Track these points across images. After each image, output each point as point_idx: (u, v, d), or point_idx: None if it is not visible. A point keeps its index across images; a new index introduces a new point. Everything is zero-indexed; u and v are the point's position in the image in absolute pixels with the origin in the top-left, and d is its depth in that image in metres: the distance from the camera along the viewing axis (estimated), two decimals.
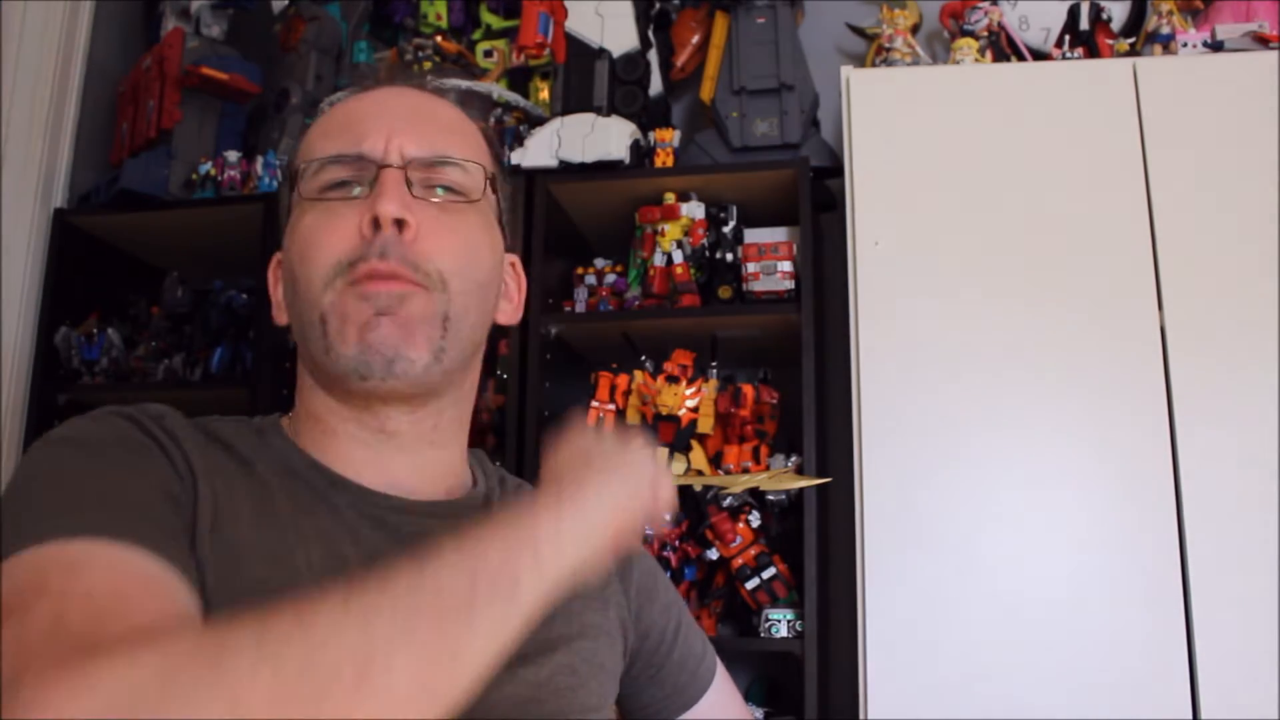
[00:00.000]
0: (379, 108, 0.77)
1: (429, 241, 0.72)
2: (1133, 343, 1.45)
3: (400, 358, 0.70)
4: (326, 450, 0.76)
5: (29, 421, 1.89)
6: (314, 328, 0.72)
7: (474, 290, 0.75)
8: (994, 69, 1.71)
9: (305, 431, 0.78)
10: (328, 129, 0.78)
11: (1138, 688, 1.34)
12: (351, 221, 0.72)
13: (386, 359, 0.70)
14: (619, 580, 0.86)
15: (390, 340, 0.70)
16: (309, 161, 0.75)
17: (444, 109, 0.80)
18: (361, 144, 0.74)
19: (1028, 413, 1.45)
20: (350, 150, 0.74)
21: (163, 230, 1.99)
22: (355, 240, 0.71)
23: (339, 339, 0.71)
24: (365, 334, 0.70)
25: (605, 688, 0.80)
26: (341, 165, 0.74)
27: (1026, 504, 1.43)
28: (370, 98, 0.79)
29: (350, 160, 0.74)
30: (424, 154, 0.74)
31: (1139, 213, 1.49)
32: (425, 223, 0.72)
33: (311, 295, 0.72)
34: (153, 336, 1.98)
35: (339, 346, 0.71)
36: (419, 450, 0.77)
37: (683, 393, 1.65)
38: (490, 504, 0.81)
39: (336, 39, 2.11)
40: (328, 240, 0.72)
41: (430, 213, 0.73)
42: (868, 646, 1.41)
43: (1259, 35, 1.62)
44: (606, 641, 0.82)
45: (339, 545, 0.69)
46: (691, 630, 0.93)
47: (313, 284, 0.72)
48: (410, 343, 0.71)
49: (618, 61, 1.89)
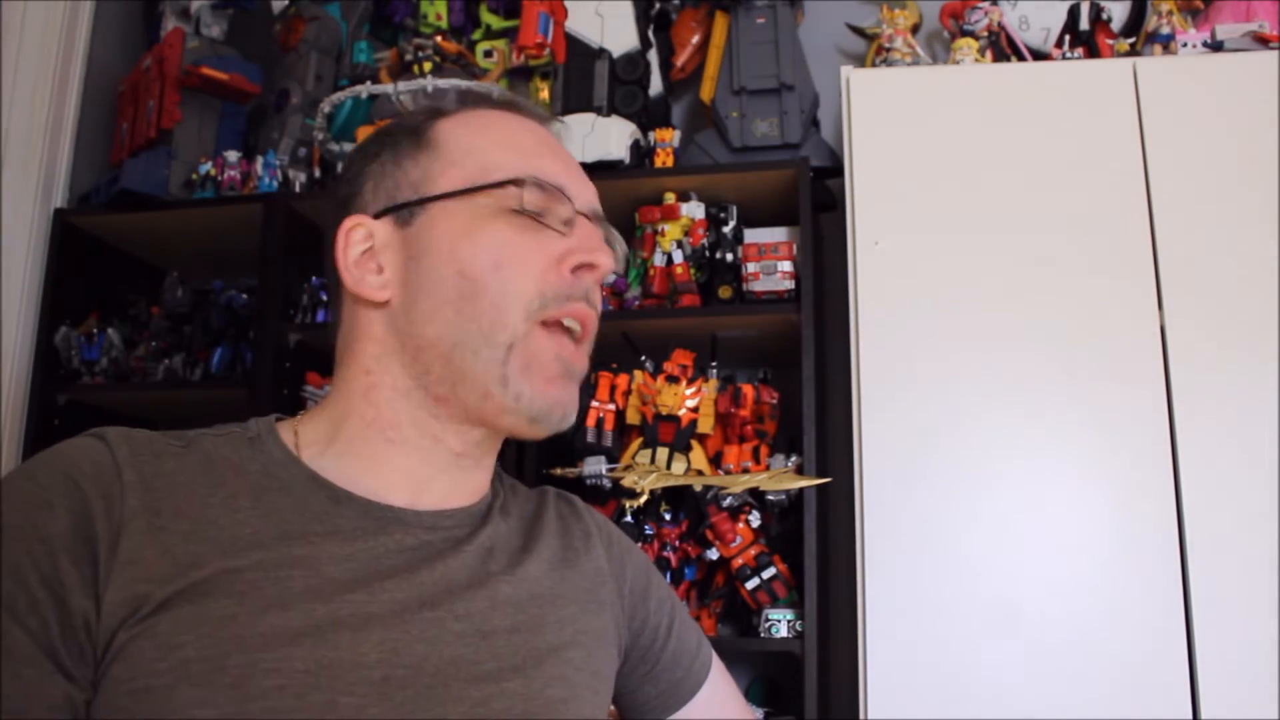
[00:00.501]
0: (561, 148, 0.82)
1: (597, 296, 0.78)
2: (1133, 343, 1.45)
3: (568, 417, 0.76)
4: (360, 455, 0.75)
5: (29, 421, 1.89)
6: (492, 350, 0.72)
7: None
8: (994, 69, 1.71)
9: (343, 439, 0.76)
10: (532, 143, 0.79)
11: (1138, 688, 1.34)
12: (553, 252, 0.74)
13: (562, 415, 0.75)
14: (613, 580, 0.86)
15: (568, 403, 0.76)
16: (538, 179, 0.75)
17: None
18: (562, 177, 0.77)
19: (1027, 411, 1.45)
20: (557, 180, 0.77)
21: (163, 230, 1.99)
22: (557, 275, 0.74)
23: (524, 379, 0.73)
24: (551, 389, 0.74)
25: (600, 695, 0.80)
26: (547, 194, 0.75)
27: (1027, 504, 1.43)
28: (548, 133, 0.82)
29: (555, 191, 0.76)
30: (599, 211, 0.80)
31: (1139, 213, 1.49)
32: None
33: (502, 317, 0.72)
34: (153, 336, 1.98)
35: (522, 385, 0.73)
36: (469, 470, 0.79)
37: (683, 393, 1.65)
38: (493, 507, 0.82)
39: (336, 39, 2.11)
40: (531, 263, 0.74)
41: None
42: (868, 646, 1.41)
43: (1259, 35, 1.63)
44: (600, 645, 0.82)
45: (323, 565, 0.68)
46: (686, 626, 0.93)
47: (508, 305, 0.73)
48: (574, 404, 0.77)
49: (618, 61, 1.89)
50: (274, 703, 0.62)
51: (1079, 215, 1.51)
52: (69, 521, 0.64)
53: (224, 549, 0.66)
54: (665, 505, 1.69)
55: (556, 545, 0.84)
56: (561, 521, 0.87)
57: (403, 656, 0.67)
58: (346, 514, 0.72)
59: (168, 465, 0.69)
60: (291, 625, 0.65)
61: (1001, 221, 1.53)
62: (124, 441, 0.69)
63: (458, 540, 0.76)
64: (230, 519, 0.68)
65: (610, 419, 1.68)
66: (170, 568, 0.64)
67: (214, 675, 0.62)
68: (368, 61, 2.07)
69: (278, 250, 1.85)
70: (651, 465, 1.63)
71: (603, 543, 0.88)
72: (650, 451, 1.65)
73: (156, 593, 0.63)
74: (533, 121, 0.82)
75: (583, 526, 0.88)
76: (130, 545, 0.64)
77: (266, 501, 0.70)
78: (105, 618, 0.62)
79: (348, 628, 0.66)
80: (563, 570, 0.82)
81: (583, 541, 0.86)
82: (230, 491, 0.70)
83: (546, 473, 1.67)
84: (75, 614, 0.62)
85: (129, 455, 0.68)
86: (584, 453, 1.68)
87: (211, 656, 0.62)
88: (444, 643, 0.69)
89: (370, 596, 0.68)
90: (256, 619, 0.64)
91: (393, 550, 0.72)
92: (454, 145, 0.78)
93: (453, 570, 0.73)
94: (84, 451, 0.67)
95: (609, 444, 1.67)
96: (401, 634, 0.68)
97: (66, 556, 0.63)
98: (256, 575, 0.66)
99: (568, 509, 0.89)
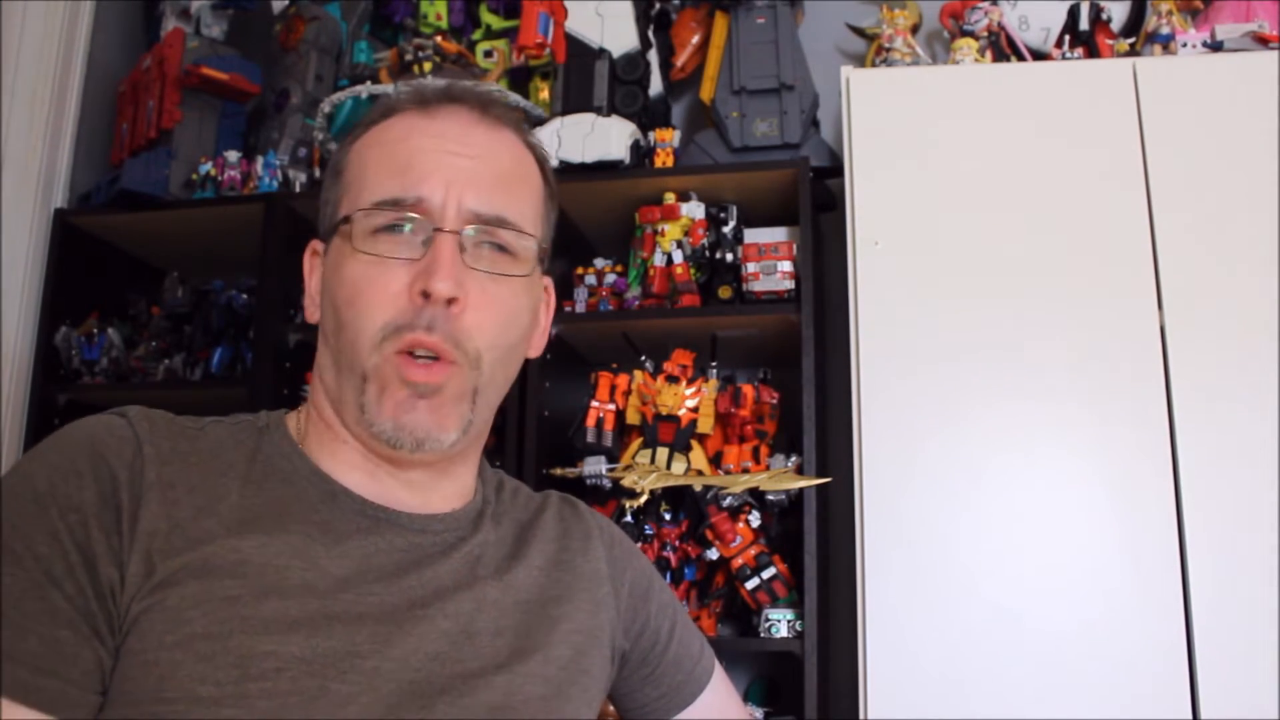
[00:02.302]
0: (441, 145, 0.77)
1: (472, 317, 0.74)
2: (1133, 343, 1.45)
3: (431, 439, 0.73)
4: (335, 454, 0.77)
5: (29, 421, 1.89)
6: (354, 379, 0.74)
7: (505, 357, 0.78)
8: (994, 69, 1.71)
9: (314, 435, 0.78)
10: (386, 161, 0.77)
11: (1137, 688, 1.34)
12: (401, 281, 0.73)
13: (417, 439, 0.73)
14: (611, 582, 0.87)
15: (423, 424, 0.73)
16: (364, 207, 0.75)
17: (507, 151, 0.80)
18: (420, 188, 0.74)
19: (1028, 412, 1.45)
20: (408, 195, 0.74)
21: (163, 230, 1.99)
22: (404, 304, 0.73)
23: (376, 406, 0.73)
24: (401, 414, 0.73)
25: (587, 694, 0.80)
26: (397, 209, 0.74)
27: (1026, 503, 1.43)
28: (433, 128, 0.78)
29: (408, 204, 0.74)
30: (483, 210, 0.75)
31: (1139, 212, 1.49)
32: (473, 294, 0.74)
33: (358, 351, 0.74)
34: (153, 336, 1.98)
35: (374, 413, 0.73)
36: (427, 484, 0.79)
37: (683, 393, 1.65)
38: (484, 513, 0.82)
39: (336, 39, 2.11)
40: (378, 298, 0.73)
41: (479, 282, 0.75)
42: (868, 646, 1.41)
43: (1259, 35, 1.62)
44: (592, 646, 0.82)
45: (319, 559, 0.70)
46: (688, 631, 0.93)
47: (360, 338, 0.73)
48: (442, 426, 0.73)
49: (618, 61, 1.89)
50: (271, 684, 0.64)
51: (1079, 215, 1.51)
52: (96, 491, 0.67)
53: (229, 527, 0.69)
54: (665, 505, 1.69)
55: (552, 549, 0.85)
56: (561, 524, 0.88)
57: (393, 649, 0.69)
58: (341, 510, 0.74)
59: (182, 445, 0.72)
60: (290, 613, 0.67)
61: (1001, 221, 1.53)
62: (144, 418, 0.72)
63: (447, 545, 0.77)
64: (238, 499, 0.71)
65: (610, 419, 1.68)
66: (181, 541, 0.67)
67: (218, 653, 0.64)
68: (368, 61, 2.07)
69: (278, 250, 1.84)
70: (651, 465, 1.63)
71: (604, 545, 0.89)
72: (650, 451, 1.65)
73: (167, 565, 0.66)
74: (424, 120, 0.78)
75: (583, 529, 0.88)
76: (149, 515, 0.67)
77: (269, 489, 0.73)
78: (127, 586, 0.65)
79: (341, 621, 0.68)
80: (557, 572, 0.83)
81: (581, 543, 0.87)
82: (238, 475, 0.73)
83: (546, 473, 1.67)
84: (103, 581, 0.65)
85: (149, 431, 0.71)
86: (584, 453, 1.68)
87: (217, 634, 0.64)
88: (431, 639, 0.71)
89: (360, 595, 0.70)
90: (258, 602, 0.66)
91: (384, 550, 0.74)
92: (349, 172, 0.79)
93: (441, 575, 0.75)
94: (107, 426, 0.71)
95: (609, 444, 1.67)
96: (393, 629, 0.70)
97: (96, 524, 0.66)
98: (259, 560, 0.68)
99: (570, 511, 0.90)
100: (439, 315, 0.72)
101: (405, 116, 0.79)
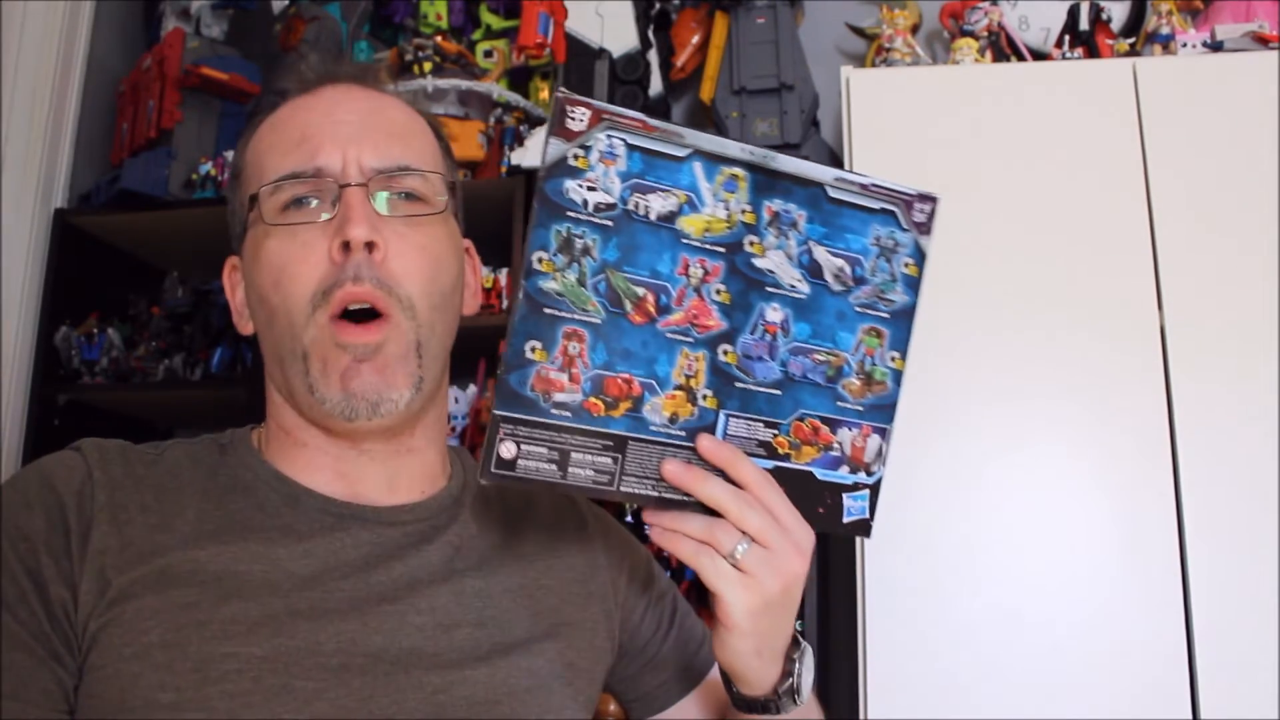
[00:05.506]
0: (329, 116, 0.76)
1: (398, 262, 0.73)
2: (1133, 343, 1.45)
3: (384, 400, 0.72)
4: (295, 460, 0.77)
5: (29, 421, 1.89)
6: (295, 362, 0.73)
7: (441, 304, 0.76)
8: (994, 69, 1.71)
9: (275, 442, 0.78)
10: (279, 142, 0.77)
11: (1137, 688, 1.33)
12: (320, 247, 0.72)
13: (371, 403, 0.72)
14: (607, 571, 0.86)
15: (372, 386, 0.72)
16: (266, 184, 0.75)
17: (393, 109, 0.80)
18: (317, 158, 0.74)
19: (1027, 412, 1.45)
20: (306, 166, 0.74)
21: (163, 230, 1.99)
22: (326, 266, 0.72)
23: (322, 381, 0.72)
24: (348, 382, 0.71)
25: (574, 687, 0.79)
26: (299, 182, 0.74)
27: (1026, 504, 1.43)
28: (319, 104, 0.78)
29: (308, 177, 0.74)
30: (383, 164, 0.75)
31: (1139, 213, 1.49)
32: (393, 241, 0.73)
33: (292, 329, 0.73)
34: (153, 336, 1.98)
35: (323, 389, 0.72)
36: (391, 460, 0.78)
37: None
38: (461, 502, 0.81)
39: (336, 39, 2.11)
40: (299, 270, 0.72)
41: (397, 229, 0.74)
42: (867, 646, 1.41)
43: (1259, 35, 1.62)
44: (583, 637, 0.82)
45: (280, 561, 0.70)
46: (690, 616, 0.94)
47: (292, 317, 0.72)
48: (391, 384, 0.72)
49: (618, 61, 1.89)
50: (231, 685, 0.64)
51: (1079, 215, 1.51)
52: (45, 518, 0.67)
53: (185, 541, 0.69)
54: None
55: (544, 537, 0.84)
56: (556, 513, 0.87)
57: (360, 646, 0.69)
58: (304, 511, 0.74)
59: (137, 470, 0.72)
60: (250, 615, 0.67)
61: (1001, 221, 1.53)
62: (96, 449, 0.73)
63: (420, 536, 0.76)
64: (195, 515, 0.71)
65: None
66: (134, 556, 0.67)
67: (175, 660, 0.64)
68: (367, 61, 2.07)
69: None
70: None
71: (600, 534, 0.88)
72: None
73: (121, 580, 0.66)
74: (309, 99, 0.78)
75: (579, 518, 0.88)
76: (99, 535, 0.67)
77: (229, 502, 0.73)
78: (81, 605, 0.65)
79: (305, 618, 0.68)
80: (549, 561, 0.83)
81: (576, 533, 0.86)
82: (197, 491, 0.73)
83: None
84: (55, 603, 0.65)
85: (99, 459, 0.71)
86: None
87: (174, 642, 0.65)
88: (403, 634, 0.71)
89: (327, 591, 0.70)
90: (216, 607, 0.66)
91: (349, 546, 0.73)
92: (247, 169, 0.79)
93: (413, 567, 0.74)
94: (58, 459, 0.72)
95: None
96: (359, 626, 0.69)
97: (45, 550, 0.66)
98: (216, 567, 0.68)
99: (566, 501, 0.89)
100: (363, 263, 0.71)
101: (289, 103, 0.79)
